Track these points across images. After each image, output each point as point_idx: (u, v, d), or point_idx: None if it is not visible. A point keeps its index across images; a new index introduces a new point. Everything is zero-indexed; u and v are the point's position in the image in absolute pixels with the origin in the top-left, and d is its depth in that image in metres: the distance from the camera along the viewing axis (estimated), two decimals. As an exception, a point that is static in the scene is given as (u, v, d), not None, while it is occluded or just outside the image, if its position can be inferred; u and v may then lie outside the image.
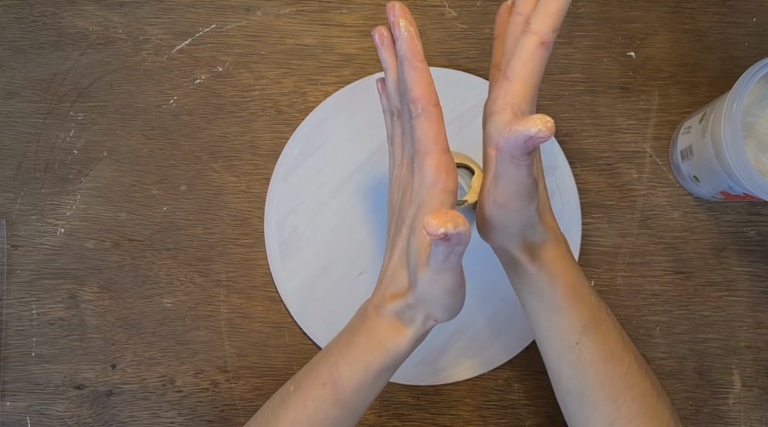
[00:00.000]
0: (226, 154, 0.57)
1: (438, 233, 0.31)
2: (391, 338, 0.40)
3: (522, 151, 0.33)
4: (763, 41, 0.58)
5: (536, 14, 0.37)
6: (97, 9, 0.58)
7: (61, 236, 0.56)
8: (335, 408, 0.40)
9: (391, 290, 0.40)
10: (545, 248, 0.41)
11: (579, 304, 0.41)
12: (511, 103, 0.38)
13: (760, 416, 0.55)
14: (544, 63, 0.38)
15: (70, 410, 0.55)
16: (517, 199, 0.37)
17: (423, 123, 0.38)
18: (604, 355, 0.42)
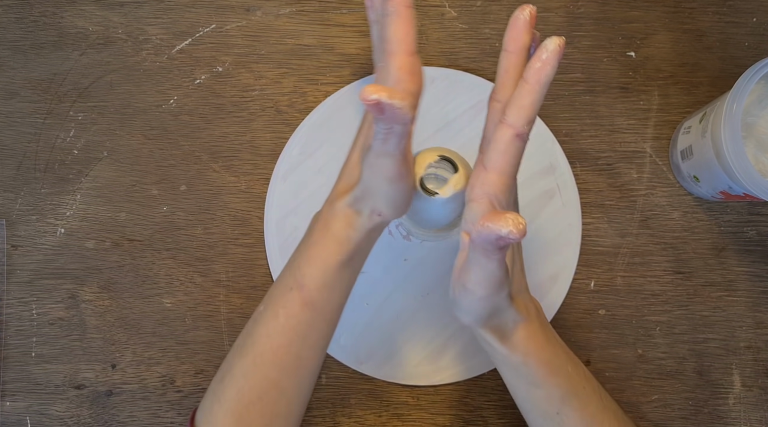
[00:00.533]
0: (226, 154, 0.57)
1: (370, 99, 0.31)
2: (344, 230, 0.40)
3: (493, 246, 0.34)
4: (763, 41, 0.58)
5: (510, 107, 0.37)
6: (97, 9, 0.58)
7: (61, 236, 0.56)
8: (305, 311, 0.41)
9: (343, 184, 0.41)
10: (516, 329, 0.41)
11: (556, 378, 0.42)
12: (488, 192, 0.38)
13: (760, 416, 0.55)
14: (520, 153, 0.38)
15: (70, 410, 0.55)
16: (485, 288, 0.38)
17: (393, 21, 0.37)
18: (585, 421, 0.43)
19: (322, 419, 0.55)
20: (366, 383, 0.55)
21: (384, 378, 0.55)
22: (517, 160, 0.38)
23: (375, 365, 0.55)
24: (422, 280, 0.55)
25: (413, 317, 0.55)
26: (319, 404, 0.55)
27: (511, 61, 0.38)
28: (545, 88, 0.36)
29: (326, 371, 0.55)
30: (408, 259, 0.55)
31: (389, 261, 0.55)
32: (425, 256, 0.55)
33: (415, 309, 0.55)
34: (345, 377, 0.55)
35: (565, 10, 0.58)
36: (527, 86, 0.36)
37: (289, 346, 0.41)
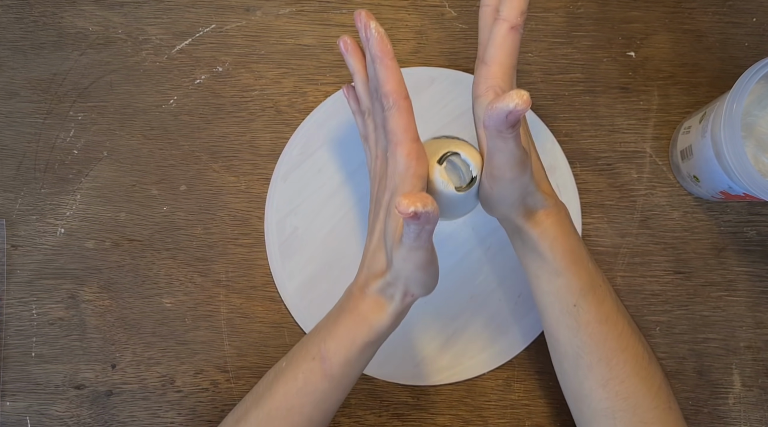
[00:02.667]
0: (226, 154, 0.57)
1: (408, 212, 0.34)
2: (374, 314, 0.42)
3: (505, 125, 0.36)
4: (763, 41, 0.58)
5: (503, 3, 0.41)
6: (97, 9, 0.58)
7: (61, 236, 0.56)
8: (324, 381, 0.43)
9: (372, 270, 0.43)
10: (545, 213, 0.44)
11: (577, 267, 0.44)
12: (492, 85, 0.41)
13: (760, 416, 0.55)
14: (517, 45, 0.41)
15: (70, 410, 0.55)
16: (510, 170, 0.40)
17: (394, 115, 0.41)
18: (599, 317, 0.44)
19: (322, 419, 0.55)
20: (366, 383, 0.55)
21: (384, 378, 0.55)
22: (515, 51, 0.41)
23: (375, 365, 0.55)
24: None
25: (413, 317, 0.55)
26: (319, 404, 0.55)
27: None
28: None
29: (326, 371, 0.55)
30: (408, 259, 0.55)
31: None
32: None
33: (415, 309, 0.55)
34: (345, 377, 0.55)
35: (565, 10, 0.58)
36: None
37: (302, 408, 0.43)
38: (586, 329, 0.44)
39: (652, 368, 0.45)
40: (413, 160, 0.41)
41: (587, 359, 0.44)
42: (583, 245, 0.46)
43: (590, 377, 0.44)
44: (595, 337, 0.44)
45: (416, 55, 0.58)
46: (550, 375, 0.55)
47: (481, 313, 0.55)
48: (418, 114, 0.56)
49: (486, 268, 0.55)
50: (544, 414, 0.55)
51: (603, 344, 0.44)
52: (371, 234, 0.45)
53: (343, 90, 0.50)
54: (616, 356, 0.44)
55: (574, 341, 0.44)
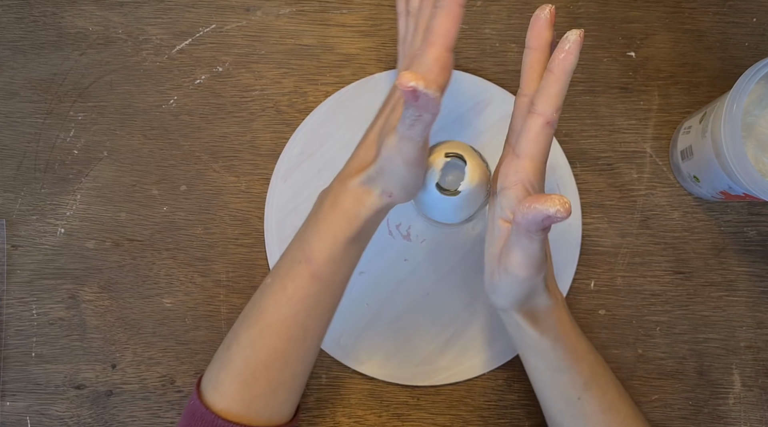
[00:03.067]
0: (226, 154, 0.57)
1: (408, 85, 0.32)
2: (353, 207, 0.42)
3: (539, 227, 0.36)
4: (763, 41, 0.58)
5: (539, 97, 0.40)
6: (97, 9, 0.58)
7: (61, 236, 0.56)
8: (312, 283, 0.42)
9: (357, 163, 0.43)
10: (547, 312, 0.44)
11: (580, 364, 0.45)
12: (522, 179, 0.40)
13: (760, 416, 0.55)
14: (550, 140, 0.40)
15: (70, 410, 0.55)
16: (527, 269, 0.40)
17: (443, 15, 0.39)
18: (603, 407, 0.45)
19: (322, 419, 0.55)
20: (366, 383, 0.55)
21: (384, 378, 0.55)
22: (548, 146, 0.40)
23: (375, 365, 0.55)
24: (422, 280, 0.55)
25: (413, 317, 0.55)
26: (319, 404, 0.55)
27: (535, 57, 0.41)
28: (569, 77, 0.39)
29: (326, 371, 0.55)
30: (408, 259, 0.55)
31: (389, 261, 0.55)
32: (425, 256, 0.55)
33: (415, 309, 0.55)
34: (345, 377, 0.55)
35: (565, 10, 0.58)
36: (553, 76, 0.39)
37: (296, 317, 0.42)
38: (591, 419, 0.45)
39: None
40: (438, 67, 0.39)
41: None
42: (583, 336, 0.46)
43: None
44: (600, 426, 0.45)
45: (416, 55, 0.58)
46: (550, 375, 0.55)
47: (481, 313, 0.55)
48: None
49: (486, 268, 0.55)
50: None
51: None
52: (370, 128, 0.44)
53: None
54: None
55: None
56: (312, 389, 0.55)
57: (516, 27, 0.58)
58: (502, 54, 0.58)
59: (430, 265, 0.55)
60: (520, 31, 0.58)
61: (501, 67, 0.58)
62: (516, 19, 0.58)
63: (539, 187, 0.41)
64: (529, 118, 0.40)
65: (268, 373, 0.43)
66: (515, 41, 0.58)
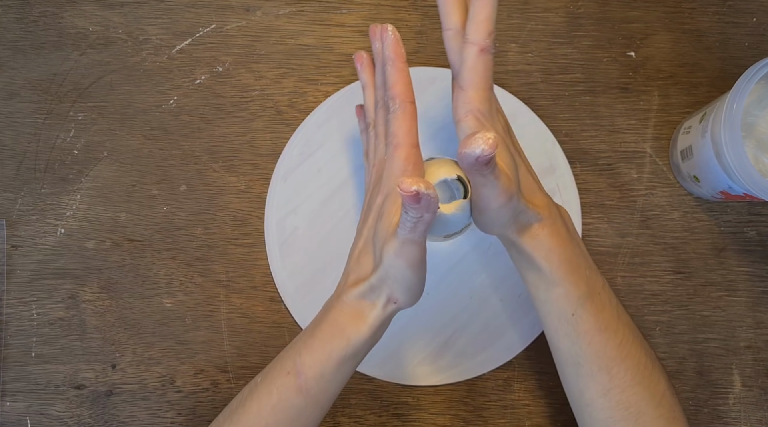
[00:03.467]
0: (226, 154, 0.57)
1: (410, 190, 0.34)
2: (352, 326, 0.41)
3: (479, 165, 0.36)
4: (763, 41, 0.58)
5: (469, 26, 0.40)
6: (97, 9, 0.58)
7: (61, 236, 0.56)
8: (298, 396, 0.42)
9: (354, 276, 0.43)
10: (539, 226, 0.43)
11: (574, 277, 0.43)
12: (470, 109, 0.41)
13: (760, 416, 0.55)
14: (490, 66, 0.41)
15: (70, 410, 0.55)
16: (495, 200, 0.40)
17: (399, 117, 0.42)
18: (599, 326, 0.43)
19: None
20: (366, 383, 0.55)
21: (384, 378, 0.55)
22: (488, 73, 0.41)
23: (375, 365, 0.55)
24: (422, 280, 0.55)
25: (413, 317, 0.55)
26: (319, 404, 0.55)
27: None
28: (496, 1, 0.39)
29: (326, 371, 0.55)
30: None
31: (389, 261, 0.55)
32: (425, 256, 0.55)
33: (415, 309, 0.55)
34: (345, 377, 0.55)
35: (565, 10, 0.58)
36: (479, 2, 0.40)
37: (276, 425, 0.42)
38: (584, 337, 0.43)
39: (655, 376, 0.44)
40: (410, 165, 0.42)
41: (587, 368, 0.43)
42: (582, 251, 0.45)
43: (591, 386, 0.44)
44: (595, 346, 0.43)
45: (416, 55, 0.58)
46: (550, 375, 0.55)
47: (481, 313, 0.55)
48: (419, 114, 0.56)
49: (486, 268, 0.55)
50: (544, 414, 0.55)
51: (603, 353, 0.43)
52: (357, 240, 0.44)
53: (355, 109, 0.51)
54: (616, 365, 0.43)
55: (573, 350, 0.44)
56: (312, 389, 0.55)
57: (516, 27, 0.58)
58: (503, 54, 0.58)
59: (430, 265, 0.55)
60: (519, 31, 0.58)
61: (501, 67, 0.58)
62: (516, 19, 0.58)
63: (488, 113, 0.41)
64: (464, 49, 0.41)
65: None
66: (515, 41, 0.58)
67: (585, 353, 0.43)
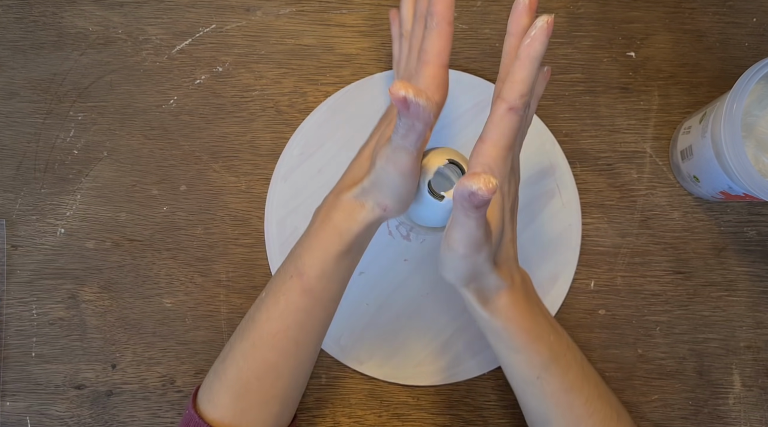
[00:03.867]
0: (226, 154, 0.57)
1: (399, 94, 0.33)
2: (345, 222, 0.42)
3: (469, 203, 0.35)
4: (763, 41, 0.58)
5: (506, 83, 0.39)
6: (97, 9, 0.58)
7: (61, 236, 0.56)
8: (304, 297, 0.43)
9: (350, 177, 0.43)
10: (498, 295, 0.43)
11: (536, 345, 0.44)
12: (482, 163, 0.40)
13: (760, 416, 0.55)
14: (514, 127, 0.40)
15: (70, 410, 0.55)
16: (465, 246, 0.39)
17: (434, 35, 0.40)
18: (564, 386, 0.44)
19: (322, 419, 0.55)
20: (366, 383, 0.55)
21: (384, 378, 0.55)
22: (511, 132, 0.40)
23: (375, 365, 0.55)
24: (422, 280, 0.55)
25: (413, 317, 0.55)
26: (319, 404, 0.55)
27: (512, 43, 0.41)
28: (535, 64, 0.38)
29: (326, 371, 0.55)
30: (408, 259, 0.55)
31: (389, 261, 0.55)
32: (425, 256, 0.55)
33: (415, 309, 0.55)
34: (345, 377, 0.55)
35: (565, 10, 0.58)
36: (518, 62, 0.38)
37: (287, 330, 0.43)
38: (551, 398, 0.44)
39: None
40: (434, 84, 0.40)
41: (556, 425, 0.45)
42: (542, 317, 0.45)
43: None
44: (562, 406, 0.44)
45: (416, 55, 0.58)
46: (550, 375, 0.55)
47: (481, 313, 0.55)
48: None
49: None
50: (544, 414, 0.55)
51: (569, 412, 0.44)
52: (363, 147, 0.44)
53: (390, 13, 0.52)
54: (584, 422, 0.44)
55: (541, 409, 0.45)
56: (312, 389, 0.55)
57: (516, 27, 0.58)
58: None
59: (430, 265, 0.55)
60: (520, 31, 0.58)
61: (501, 67, 0.58)
62: (516, 19, 0.58)
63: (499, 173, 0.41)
64: (494, 103, 0.40)
65: (259, 385, 0.43)
66: (515, 41, 0.58)
67: (553, 411, 0.44)
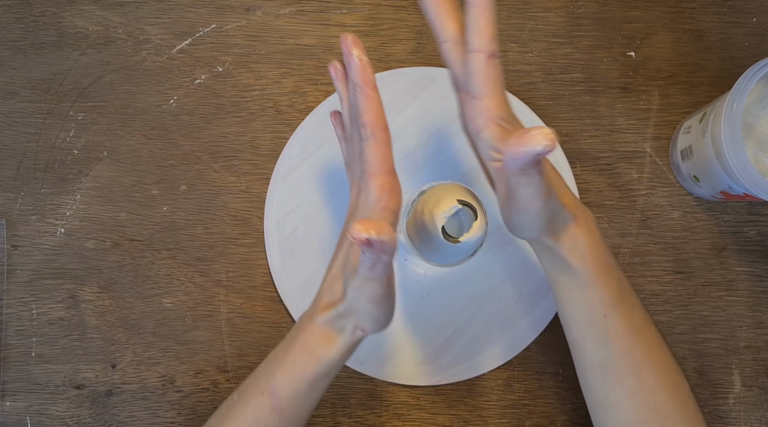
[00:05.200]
0: (226, 154, 0.57)
1: (361, 237, 0.32)
2: (323, 348, 0.41)
3: (531, 165, 0.35)
4: (763, 41, 0.58)
5: (470, 34, 0.39)
6: (97, 9, 0.58)
7: (61, 236, 0.56)
8: (273, 416, 0.42)
9: (326, 300, 0.42)
10: (572, 227, 0.42)
11: (608, 278, 0.42)
12: (491, 117, 0.40)
13: (760, 416, 0.55)
14: (500, 70, 0.40)
15: (70, 410, 0.55)
16: (537, 200, 0.38)
17: (371, 146, 0.40)
18: (629, 328, 0.43)
19: (322, 419, 0.55)
20: (366, 383, 0.55)
21: (384, 378, 0.55)
22: (500, 77, 0.40)
23: (375, 365, 0.55)
24: (422, 280, 0.55)
25: (413, 317, 0.55)
26: (319, 404, 0.55)
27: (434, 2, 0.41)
28: (492, 4, 0.38)
29: (326, 371, 0.55)
30: (408, 259, 0.55)
31: (389, 261, 0.55)
32: (425, 256, 0.55)
33: (415, 309, 0.55)
34: (345, 377, 0.55)
35: (565, 10, 0.58)
36: (476, 8, 0.38)
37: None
38: (615, 340, 0.43)
39: (680, 379, 0.44)
40: (386, 194, 0.41)
41: (615, 370, 0.43)
42: (610, 251, 0.44)
43: (617, 388, 0.43)
44: (624, 348, 0.43)
45: (416, 55, 0.58)
46: (550, 375, 0.55)
47: (481, 313, 0.55)
48: (419, 114, 0.56)
49: (486, 268, 0.55)
50: (544, 414, 0.55)
51: (632, 355, 0.43)
52: (333, 262, 0.43)
53: (330, 116, 0.49)
54: (645, 367, 0.43)
55: (602, 352, 0.43)
56: (312, 389, 0.55)
57: (516, 27, 0.58)
58: (502, 54, 0.58)
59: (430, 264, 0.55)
60: (519, 31, 0.58)
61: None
62: (516, 19, 0.58)
63: (510, 118, 0.40)
64: (470, 58, 0.39)
65: None
66: (515, 41, 0.58)
67: (614, 355, 0.43)
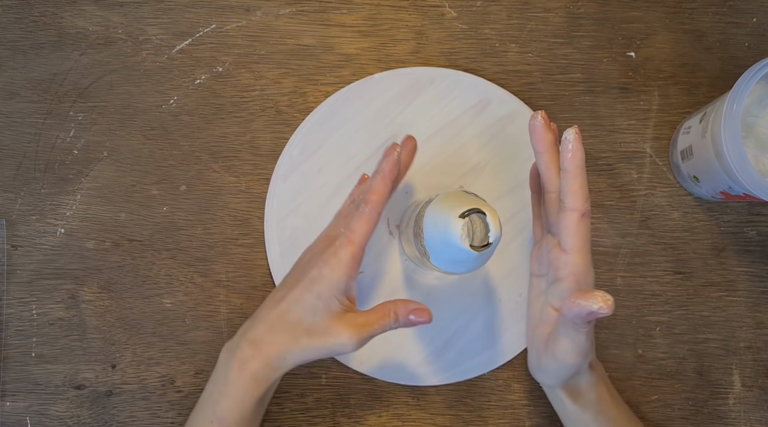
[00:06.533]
0: (226, 154, 0.57)
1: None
2: (262, 371, 0.44)
3: (583, 320, 0.39)
4: (763, 41, 0.58)
5: (566, 195, 0.43)
6: (97, 9, 0.58)
7: (61, 236, 0.56)
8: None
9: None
10: (588, 388, 0.47)
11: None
12: (574, 272, 0.44)
13: (760, 416, 0.55)
14: (589, 228, 0.44)
15: (70, 410, 0.55)
16: (574, 357, 0.43)
17: (364, 218, 0.44)
18: None
19: (322, 419, 0.55)
20: (366, 383, 0.55)
21: (384, 378, 0.55)
22: (589, 235, 0.44)
23: (375, 365, 0.55)
24: (422, 280, 0.55)
25: (413, 317, 0.55)
26: (319, 404, 0.55)
27: (546, 158, 0.45)
28: (584, 169, 0.43)
29: (326, 371, 0.55)
30: (408, 259, 0.55)
31: (389, 261, 0.55)
32: (425, 256, 0.55)
33: (415, 309, 0.55)
34: (345, 377, 0.55)
35: (565, 10, 0.58)
36: (570, 174, 0.43)
37: None
38: None
39: None
40: (354, 262, 0.44)
41: None
42: (622, 405, 0.50)
43: None
44: None
45: (416, 55, 0.58)
46: (550, 375, 0.55)
47: (481, 313, 0.55)
48: (419, 114, 0.56)
49: (485, 269, 0.55)
50: (544, 414, 0.55)
51: None
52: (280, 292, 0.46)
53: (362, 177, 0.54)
54: None
55: None
56: (312, 389, 0.55)
57: (516, 27, 0.58)
58: (502, 54, 0.58)
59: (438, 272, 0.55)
60: (519, 31, 0.58)
61: (501, 67, 0.58)
62: (516, 19, 0.58)
63: (588, 279, 0.44)
64: (563, 215, 0.44)
65: None
66: (515, 41, 0.58)
67: None
